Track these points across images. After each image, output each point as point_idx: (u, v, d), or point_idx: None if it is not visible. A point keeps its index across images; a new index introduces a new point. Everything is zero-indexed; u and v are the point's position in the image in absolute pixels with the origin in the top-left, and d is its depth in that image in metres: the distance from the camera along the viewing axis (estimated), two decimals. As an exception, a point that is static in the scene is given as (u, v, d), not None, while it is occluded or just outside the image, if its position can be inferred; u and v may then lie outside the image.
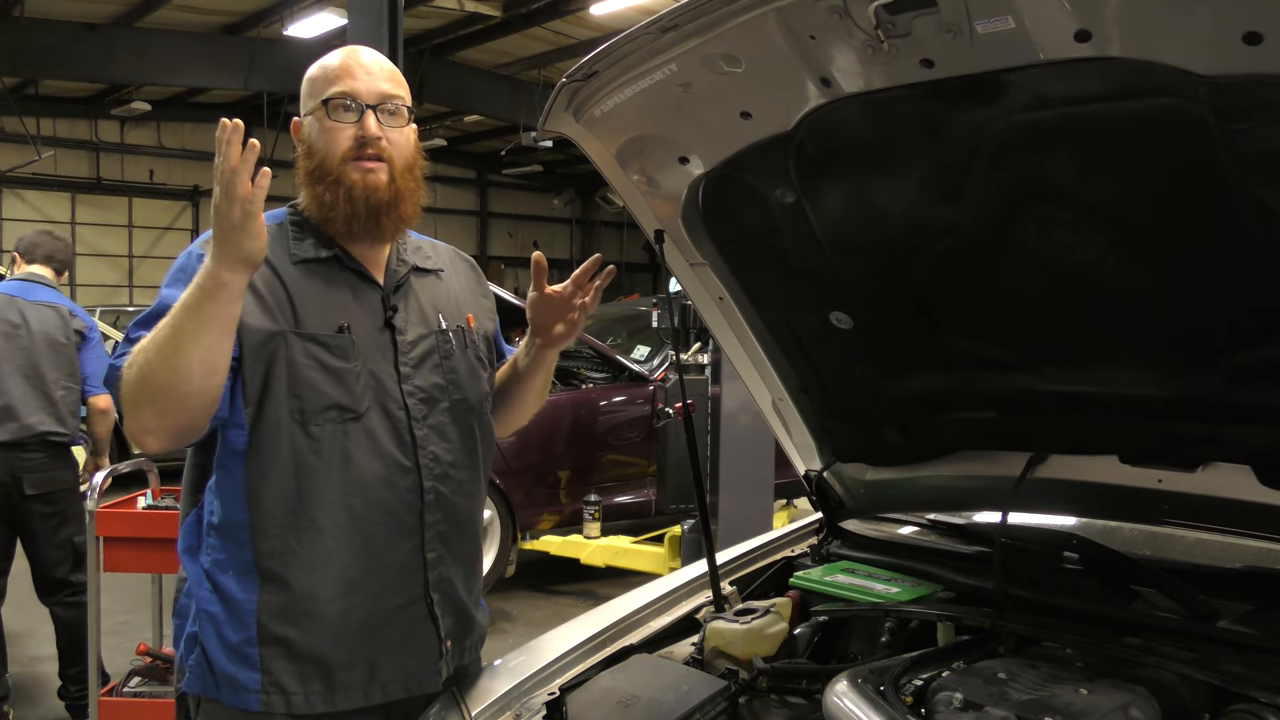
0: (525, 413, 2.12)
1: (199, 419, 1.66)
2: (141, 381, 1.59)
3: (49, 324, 4.22)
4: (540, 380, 2.05)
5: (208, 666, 1.74)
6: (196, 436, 1.71)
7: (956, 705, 1.50)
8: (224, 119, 1.52)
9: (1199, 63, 1.26)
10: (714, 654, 1.84)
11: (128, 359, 1.62)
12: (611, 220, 26.27)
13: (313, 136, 1.79)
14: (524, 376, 2.04)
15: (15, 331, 4.17)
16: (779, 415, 2.24)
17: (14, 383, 4.11)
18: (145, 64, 14.64)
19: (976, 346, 1.90)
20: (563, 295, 1.91)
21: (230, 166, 1.50)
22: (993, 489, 2.00)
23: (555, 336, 1.95)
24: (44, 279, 4.39)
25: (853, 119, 1.60)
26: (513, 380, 2.06)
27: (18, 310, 4.20)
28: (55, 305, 4.29)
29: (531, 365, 2.02)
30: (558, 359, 2.07)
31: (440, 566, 1.82)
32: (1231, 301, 1.57)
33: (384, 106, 1.78)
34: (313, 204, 1.79)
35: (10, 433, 4.09)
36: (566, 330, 1.95)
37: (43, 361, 4.17)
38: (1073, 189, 1.55)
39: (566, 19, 13.93)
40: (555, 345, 1.98)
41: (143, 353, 1.60)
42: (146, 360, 1.59)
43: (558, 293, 1.91)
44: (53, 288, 4.40)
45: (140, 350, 1.61)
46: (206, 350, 1.58)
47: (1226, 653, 1.58)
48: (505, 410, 2.07)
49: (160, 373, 1.58)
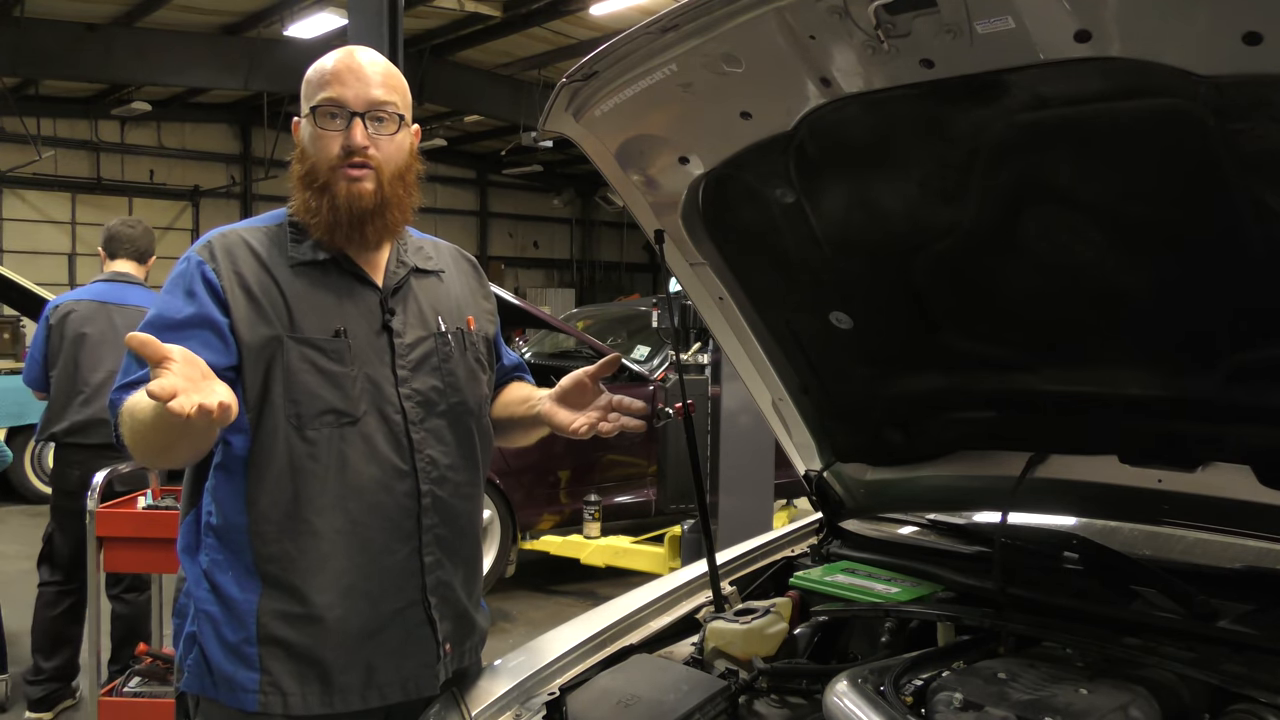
0: (524, 443, 2.08)
1: (196, 460, 1.76)
2: (137, 445, 1.65)
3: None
4: (540, 434, 2.01)
5: (206, 666, 1.74)
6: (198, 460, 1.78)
7: (956, 705, 1.50)
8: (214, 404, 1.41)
9: (1199, 63, 1.26)
10: (714, 654, 1.84)
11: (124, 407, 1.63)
12: (611, 220, 26.27)
13: (305, 140, 1.79)
14: (530, 424, 1.98)
15: (105, 337, 4.23)
16: (779, 415, 2.24)
17: (104, 389, 4.15)
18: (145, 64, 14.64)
19: (976, 346, 1.90)
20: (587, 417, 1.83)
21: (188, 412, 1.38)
22: (993, 489, 2.00)
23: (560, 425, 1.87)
24: (131, 278, 4.42)
25: (853, 119, 1.60)
26: (519, 423, 2.01)
27: (108, 316, 4.27)
28: (142, 309, 4.25)
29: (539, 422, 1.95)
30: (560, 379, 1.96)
31: (438, 570, 1.82)
32: (1232, 301, 1.56)
33: (373, 114, 1.76)
34: (301, 209, 1.79)
35: (101, 437, 4.13)
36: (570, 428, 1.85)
37: None
38: (1073, 189, 1.55)
39: (566, 19, 13.93)
40: (558, 430, 1.90)
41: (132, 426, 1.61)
42: (133, 437, 1.62)
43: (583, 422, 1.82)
44: (140, 285, 4.43)
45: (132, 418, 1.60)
46: (188, 451, 1.68)
47: (1226, 653, 1.58)
48: (506, 433, 2.04)
49: (145, 453, 1.66)
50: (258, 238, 1.79)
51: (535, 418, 1.93)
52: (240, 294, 1.72)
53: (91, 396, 4.21)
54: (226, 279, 1.73)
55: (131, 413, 1.61)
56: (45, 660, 4.33)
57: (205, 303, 1.71)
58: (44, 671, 4.32)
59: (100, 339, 4.24)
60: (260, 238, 1.80)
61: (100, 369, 4.23)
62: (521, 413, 1.99)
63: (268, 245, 1.79)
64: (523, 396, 2.02)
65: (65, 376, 4.26)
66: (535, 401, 1.95)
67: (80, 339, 4.24)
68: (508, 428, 2.04)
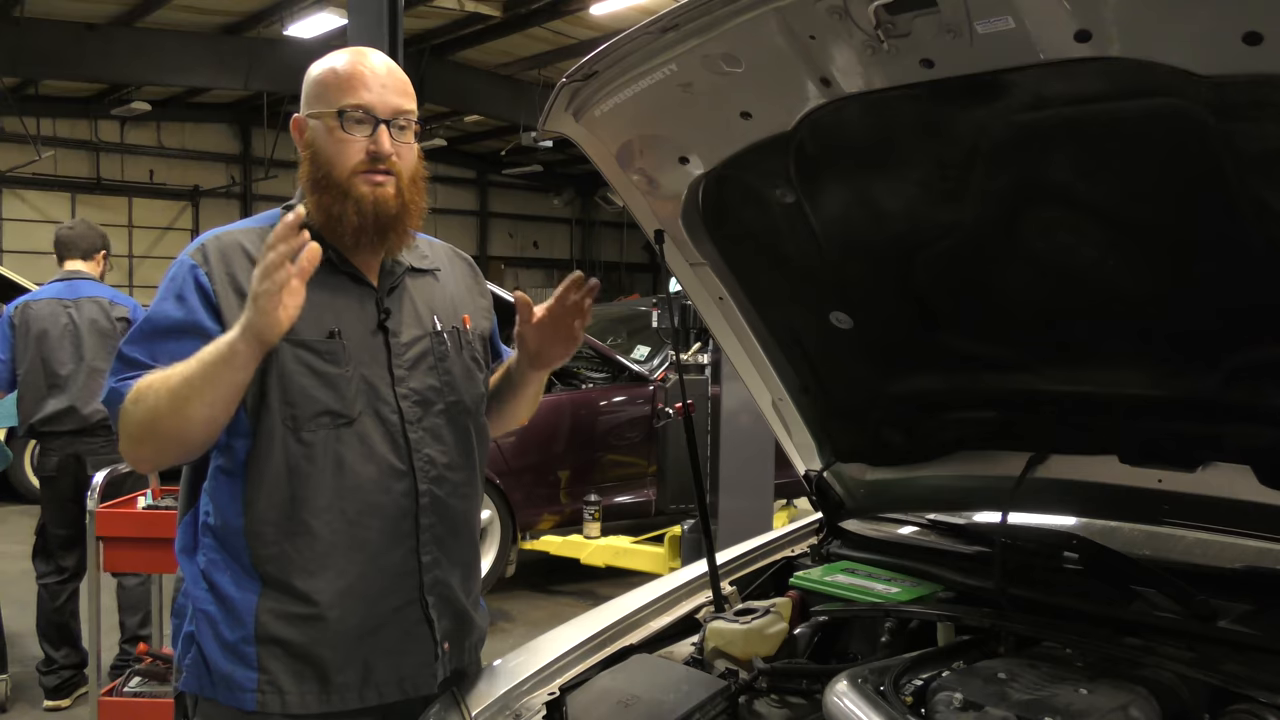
0: (517, 418, 2.12)
1: (194, 454, 1.74)
2: (146, 423, 1.64)
3: (95, 316, 4.57)
4: (533, 391, 2.06)
5: (204, 665, 1.74)
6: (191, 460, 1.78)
7: (956, 705, 1.50)
8: (286, 220, 1.55)
9: (1199, 63, 1.26)
10: (714, 654, 1.84)
11: (132, 392, 1.65)
12: (611, 220, 26.27)
13: (320, 142, 1.77)
14: (518, 387, 2.04)
15: (66, 331, 4.53)
16: (779, 415, 2.24)
17: (73, 380, 4.50)
18: (145, 64, 14.64)
19: (976, 346, 1.90)
20: (552, 315, 1.90)
21: (280, 258, 1.53)
22: (993, 489, 2.00)
23: (553, 357, 1.95)
24: (81, 273, 4.68)
25: (853, 119, 1.60)
26: (505, 388, 2.05)
27: (65, 311, 4.55)
28: (96, 298, 4.61)
29: (525, 379, 2.02)
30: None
31: (436, 569, 1.82)
32: (1232, 301, 1.56)
33: (396, 122, 1.77)
34: (318, 212, 1.77)
35: (75, 423, 4.50)
36: (564, 350, 1.94)
37: (94, 353, 4.52)
38: (1073, 189, 1.55)
39: (566, 19, 13.94)
40: (552, 365, 1.98)
41: (153, 395, 1.63)
42: (156, 406, 1.63)
43: (545, 315, 1.90)
44: (91, 279, 4.69)
45: (150, 391, 1.63)
46: (211, 408, 1.63)
47: (1226, 653, 1.57)
48: (497, 415, 2.07)
49: (167, 421, 1.64)
50: (252, 240, 1.79)
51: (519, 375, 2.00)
52: (233, 297, 1.72)
53: (63, 387, 4.51)
54: (219, 283, 1.73)
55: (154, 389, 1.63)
56: (55, 650, 4.52)
57: (195, 309, 1.71)
58: (55, 661, 4.50)
59: (62, 334, 4.53)
60: (255, 239, 1.79)
61: (68, 362, 4.52)
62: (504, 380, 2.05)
63: (262, 247, 1.78)
64: (501, 370, 2.06)
65: (34, 372, 4.52)
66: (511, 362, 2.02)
67: (43, 335, 4.51)
68: (500, 404, 2.06)
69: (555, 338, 1.92)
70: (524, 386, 2.04)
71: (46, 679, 4.47)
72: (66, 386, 4.49)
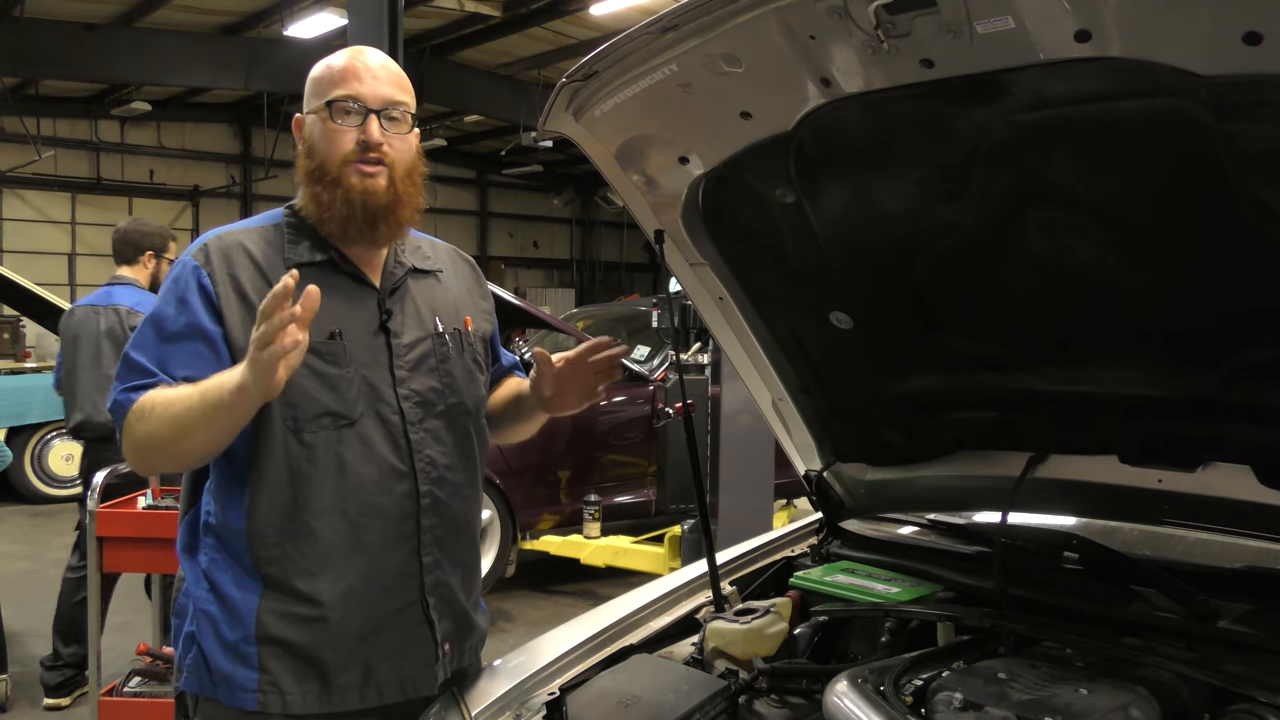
0: (518, 437, 2.10)
1: (196, 466, 1.78)
2: (147, 442, 1.67)
3: (112, 324, 4.58)
4: (540, 421, 2.04)
5: (205, 665, 1.74)
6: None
7: (956, 705, 1.50)
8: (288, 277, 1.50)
9: (1199, 63, 1.26)
10: (714, 654, 1.84)
11: (136, 407, 1.66)
12: (611, 220, 26.26)
13: (314, 136, 1.79)
14: (523, 414, 2.02)
15: (89, 343, 4.56)
16: (779, 415, 2.24)
17: (92, 391, 4.53)
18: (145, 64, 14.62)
19: (976, 346, 1.90)
20: (572, 367, 1.86)
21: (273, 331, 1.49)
22: (993, 489, 2.00)
23: (567, 405, 1.92)
24: (122, 279, 4.71)
25: (853, 119, 1.60)
26: (510, 413, 2.03)
27: (95, 318, 4.57)
28: (118, 306, 4.60)
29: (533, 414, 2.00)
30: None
31: (437, 570, 1.82)
32: (1232, 301, 1.56)
33: (388, 112, 1.77)
34: (310, 203, 1.79)
35: (94, 433, 4.55)
36: (580, 401, 1.91)
37: (109, 362, 4.52)
38: (1073, 189, 1.55)
39: (566, 19, 13.92)
40: (565, 412, 1.94)
41: (154, 419, 1.64)
42: (157, 432, 1.65)
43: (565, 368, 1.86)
44: (131, 284, 4.68)
45: (153, 414, 1.65)
46: (210, 439, 1.66)
47: (1226, 653, 1.58)
48: (497, 431, 2.05)
49: (167, 446, 1.67)
50: (254, 240, 1.79)
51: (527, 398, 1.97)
52: (235, 299, 1.72)
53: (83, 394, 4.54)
54: (221, 284, 1.73)
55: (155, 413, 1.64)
56: (64, 646, 4.52)
57: (197, 312, 1.71)
58: (62, 657, 4.51)
59: (88, 340, 4.56)
60: (256, 239, 1.80)
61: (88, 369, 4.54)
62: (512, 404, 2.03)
63: (264, 247, 1.79)
64: (516, 389, 2.04)
65: (68, 375, 4.62)
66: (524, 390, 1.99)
67: (75, 342, 4.57)
68: (501, 420, 2.04)
69: (571, 389, 1.89)
70: (531, 419, 2.03)
71: (49, 675, 4.48)
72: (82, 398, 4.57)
